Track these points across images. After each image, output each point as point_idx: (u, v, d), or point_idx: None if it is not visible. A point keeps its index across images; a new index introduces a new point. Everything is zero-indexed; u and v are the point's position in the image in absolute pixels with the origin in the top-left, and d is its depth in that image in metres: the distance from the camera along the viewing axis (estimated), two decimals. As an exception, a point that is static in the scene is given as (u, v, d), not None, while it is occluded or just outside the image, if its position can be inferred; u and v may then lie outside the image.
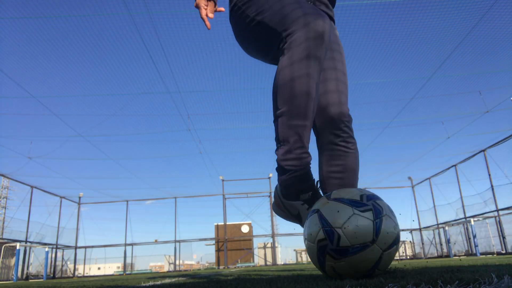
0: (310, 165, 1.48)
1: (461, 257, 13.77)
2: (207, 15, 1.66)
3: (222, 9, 1.76)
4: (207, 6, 1.69)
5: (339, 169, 1.68)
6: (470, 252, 15.11)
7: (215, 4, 1.73)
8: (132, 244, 18.15)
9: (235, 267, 16.22)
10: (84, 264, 18.76)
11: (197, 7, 1.69)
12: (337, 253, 1.15)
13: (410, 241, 21.84)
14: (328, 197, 1.29)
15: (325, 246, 1.16)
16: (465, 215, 15.17)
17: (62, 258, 17.81)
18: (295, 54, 1.40)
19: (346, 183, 1.66)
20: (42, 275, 14.61)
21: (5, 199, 21.79)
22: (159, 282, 2.39)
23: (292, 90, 1.42)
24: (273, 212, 1.60)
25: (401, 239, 23.61)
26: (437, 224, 17.46)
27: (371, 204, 1.19)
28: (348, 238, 1.14)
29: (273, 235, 18.18)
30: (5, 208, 20.63)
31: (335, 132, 1.70)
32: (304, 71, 1.40)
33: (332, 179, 1.68)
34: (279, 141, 1.48)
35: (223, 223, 18.43)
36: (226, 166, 16.47)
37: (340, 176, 1.67)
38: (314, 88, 1.42)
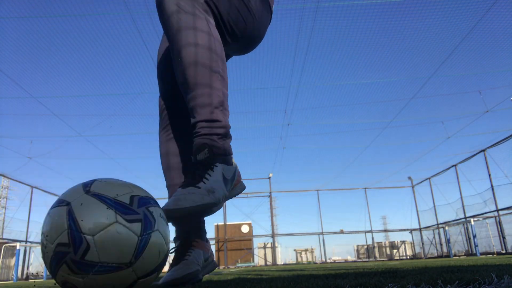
0: None
1: (461, 257, 13.78)
2: None
3: None
4: None
5: (179, 67, 1.29)
6: (470, 252, 15.11)
7: None
8: (132, 244, 18.16)
9: (235, 267, 16.22)
10: (84, 264, 18.76)
11: None
12: (79, 266, 0.86)
13: (410, 241, 21.85)
14: (87, 187, 1.00)
15: (65, 254, 0.86)
16: (465, 215, 15.17)
17: (62, 258, 17.82)
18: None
19: (180, 80, 1.28)
20: (42, 275, 14.60)
21: (5, 199, 21.78)
22: (159, 282, 2.38)
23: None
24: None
25: (401, 239, 23.63)
26: (437, 224, 17.46)
27: (142, 212, 0.92)
28: (99, 252, 0.85)
29: (273, 235, 18.18)
30: (5, 208, 20.62)
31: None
32: (161, 139, 1.75)
33: (177, 77, 1.33)
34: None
35: (223, 223, 18.43)
36: (226, 166, 16.44)
37: (181, 77, 1.28)
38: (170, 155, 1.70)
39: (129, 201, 0.93)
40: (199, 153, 1.27)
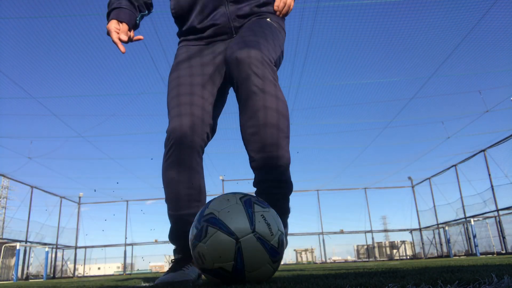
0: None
1: (461, 257, 13.78)
2: (119, 39, 1.65)
3: (141, 37, 1.77)
4: (119, 29, 1.67)
5: (257, 123, 1.42)
6: (470, 252, 15.11)
7: (130, 29, 1.71)
8: (132, 244, 18.16)
9: (235, 267, 16.14)
10: (84, 264, 18.76)
11: (108, 33, 1.67)
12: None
13: (410, 241, 21.85)
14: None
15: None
16: (465, 215, 15.17)
17: (62, 258, 17.81)
18: (163, 158, 1.67)
19: (268, 142, 1.41)
20: (42, 275, 14.61)
21: (5, 199, 21.79)
22: (156, 282, 2.38)
23: (166, 191, 1.65)
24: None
25: (401, 239, 23.64)
26: (437, 224, 17.46)
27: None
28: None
29: (273, 235, 18.15)
30: (5, 208, 20.63)
31: (246, 77, 1.42)
32: (170, 176, 1.62)
33: (253, 137, 1.45)
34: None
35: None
36: (226, 166, 16.47)
37: (261, 133, 1.42)
38: (183, 189, 1.60)
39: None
40: None
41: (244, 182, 18.09)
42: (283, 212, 1.48)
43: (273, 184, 1.46)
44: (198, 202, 1.63)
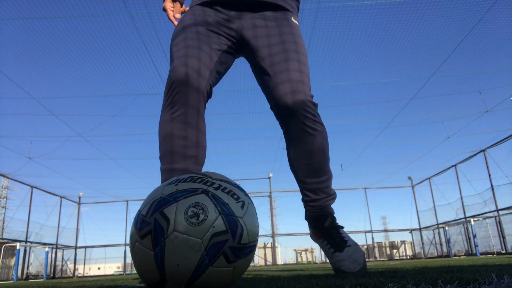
0: None
1: (461, 257, 13.77)
2: (174, 17, 1.75)
3: (188, 8, 1.79)
4: (173, 7, 1.76)
5: (307, 155, 1.64)
6: (470, 252, 15.11)
7: (182, 5, 1.79)
8: (132, 244, 18.14)
9: (235, 267, 16.16)
10: (84, 264, 18.76)
11: (164, 9, 1.77)
12: (235, 253, 0.85)
13: (410, 241, 21.85)
14: (208, 177, 0.95)
15: (223, 243, 0.83)
16: (465, 215, 15.17)
17: (62, 258, 17.81)
18: (163, 102, 1.55)
19: (317, 168, 1.65)
20: (42, 275, 14.61)
21: (5, 199, 21.78)
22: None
23: (160, 136, 1.63)
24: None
25: (401, 239, 23.63)
26: (437, 224, 17.46)
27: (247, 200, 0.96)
28: (248, 233, 0.87)
29: (273, 235, 18.19)
30: (5, 208, 20.63)
31: (298, 118, 1.57)
32: (168, 117, 1.54)
33: (303, 166, 1.66)
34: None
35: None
36: (226, 166, 16.48)
37: (310, 163, 1.65)
38: (180, 130, 1.49)
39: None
40: (326, 220, 1.69)
41: (244, 182, 18.09)
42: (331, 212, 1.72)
43: (323, 196, 1.68)
44: (196, 158, 1.55)
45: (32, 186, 15.08)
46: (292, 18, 1.71)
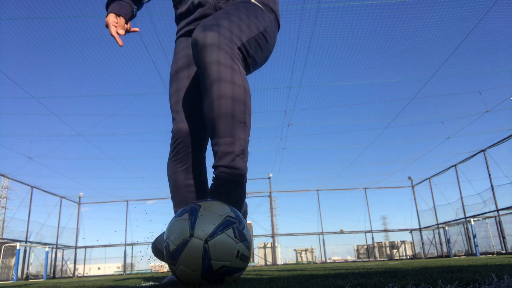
0: None
1: (461, 257, 13.77)
2: (117, 33, 1.69)
3: (136, 29, 1.81)
4: (116, 23, 1.71)
5: (210, 115, 1.40)
6: (470, 252, 15.11)
7: (127, 21, 1.74)
8: (132, 244, 18.16)
9: (235, 267, 16.14)
10: (84, 264, 18.76)
11: (107, 25, 1.71)
12: (240, 235, 1.25)
13: (410, 241, 21.84)
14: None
15: (232, 222, 1.25)
16: (465, 215, 15.17)
17: (62, 258, 17.81)
18: (169, 153, 1.82)
19: (211, 131, 1.42)
20: (42, 275, 14.61)
21: (5, 199, 21.78)
22: (159, 282, 2.38)
23: (170, 185, 1.75)
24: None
25: (401, 239, 23.63)
26: (437, 224, 17.46)
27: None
28: (246, 233, 1.32)
29: (273, 235, 18.19)
30: (5, 208, 20.62)
31: (199, 59, 1.40)
32: (173, 170, 1.77)
33: (208, 124, 1.43)
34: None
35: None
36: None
37: (214, 122, 1.40)
38: (185, 185, 1.74)
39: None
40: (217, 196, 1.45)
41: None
42: (236, 199, 1.45)
43: (225, 170, 1.40)
44: (193, 193, 1.73)
45: (32, 186, 15.07)
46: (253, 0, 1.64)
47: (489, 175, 13.47)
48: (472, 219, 13.68)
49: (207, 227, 1.18)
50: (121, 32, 1.69)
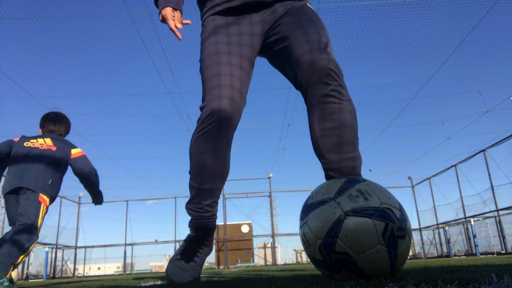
0: (208, 218, 1.68)
1: (461, 257, 13.77)
2: (176, 26, 1.68)
3: (188, 22, 1.76)
4: (174, 16, 1.70)
5: (334, 124, 1.49)
6: (470, 252, 15.10)
7: (182, 13, 1.73)
8: (132, 244, 18.15)
9: (235, 267, 16.21)
10: (84, 264, 18.76)
11: (164, 20, 1.71)
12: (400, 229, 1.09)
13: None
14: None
15: (391, 231, 1.06)
16: (465, 215, 15.16)
17: (62, 258, 17.81)
18: (198, 130, 1.55)
19: (344, 140, 1.49)
20: (42, 275, 14.61)
21: (5, 199, 21.75)
22: (159, 282, 2.38)
23: (195, 163, 1.60)
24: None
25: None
26: (437, 224, 17.45)
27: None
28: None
29: (273, 235, 18.18)
30: (5, 208, 20.60)
31: (323, 80, 1.49)
32: (203, 148, 1.55)
33: (328, 138, 1.51)
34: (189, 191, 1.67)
35: (223, 223, 18.43)
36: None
37: (337, 133, 1.49)
38: (214, 163, 1.58)
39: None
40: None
41: (244, 182, 18.09)
42: None
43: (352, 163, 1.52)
44: (222, 178, 1.64)
45: (32, 186, 15.05)
46: (308, 4, 1.72)
47: (489, 175, 13.46)
48: (472, 219, 13.67)
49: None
50: (180, 26, 1.69)
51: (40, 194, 2.70)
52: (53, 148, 3.15)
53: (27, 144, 3.10)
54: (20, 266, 13.68)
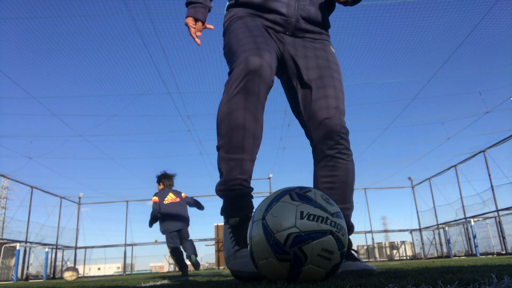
0: (248, 195, 1.55)
1: (461, 257, 13.76)
2: (196, 34, 1.78)
3: (211, 26, 1.85)
4: (195, 25, 1.78)
5: (331, 180, 1.67)
6: (470, 252, 15.10)
7: (203, 23, 1.82)
8: (132, 245, 18.14)
9: (235, 268, 16.12)
10: (84, 264, 18.75)
11: (187, 25, 1.80)
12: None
13: (410, 242, 21.83)
14: (327, 214, 1.13)
15: (338, 264, 1.13)
16: (465, 215, 15.16)
17: (62, 258, 17.80)
18: (231, 89, 1.46)
19: (336, 196, 1.63)
20: (42, 276, 14.60)
21: (5, 199, 21.78)
22: (159, 283, 2.38)
23: (229, 124, 1.48)
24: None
25: (401, 239, 23.60)
26: (437, 225, 17.45)
27: (292, 253, 1.04)
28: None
29: (273, 236, 18.16)
30: (5, 208, 20.62)
31: (331, 144, 1.67)
32: (240, 105, 1.46)
33: (324, 191, 1.65)
34: (219, 171, 1.59)
35: (223, 223, 18.42)
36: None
37: (331, 186, 1.67)
38: (250, 121, 1.48)
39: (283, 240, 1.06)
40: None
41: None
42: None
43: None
44: (257, 148, 1.58)
45: (32, 186, 15.07)
46: (330, 47, 1.83)
47: (489, 175, 13.46)
48: (472, 220, 13.67)
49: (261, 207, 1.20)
50: (199, 34, 1.80)
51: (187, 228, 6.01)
52: (177, 199, 6.04)
53: (166, 201, 5.94)
54: (20, 267, 13.67)
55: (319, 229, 1.05)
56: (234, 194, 1.53)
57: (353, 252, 1.68)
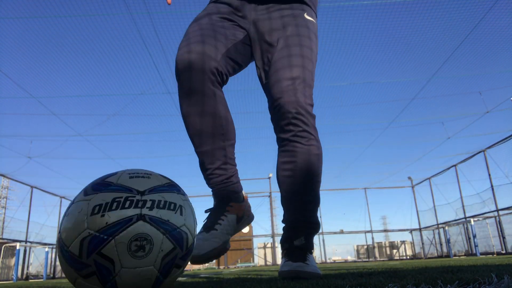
0: (223, 181, 1.54)
1: (461, 257, 13.77)
2: None
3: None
4: None
5: (289, 167, 1.50)
6: (470, 252, 15.11)
7: None
8: (132, 244, 18.15)
9: (235, 267, 16.22)
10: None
11: None
12: (185, 256, 0.92)
13: (410, 241, 21.85)
14: (135, 193, 0.89)
15: (174, 257, 0.87)
16: (465, 215, 15.17)
17: (62, 258, 17.81)
18: (178, 96, 1.52)
19: (296, 186, 1.50)
20: (42, 275, 14.61)
21: (5, 199, 21.79)
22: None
23: (186, 128, 1.53)
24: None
25: (401, 239, 23.63)
26: (437, 224, 17.46)
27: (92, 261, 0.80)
28: (192, 234, 0.95)
29: (273, 235, 18.18)
30: (5, 208, 20.62)
31: (283, 125, 1.48)
32: (185, 108, 1.49)
33: (283, 179, 1.54)
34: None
35: (223, 223, 18.41)
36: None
37: (290, 174, 1.50)
38: (196, 118, 1.47)
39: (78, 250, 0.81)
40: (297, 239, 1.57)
41: (244, 182, 18.07)
42: (310, 247, 1.55)
43: (302, 224, 1.53)
44: (222, 135, 1.52)
45: (32, 186, 15.07)
46: (306, 15, 1.60)
47: (489, 175, 13.47)
48: (472, 219, 13.68)
49: None
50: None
51: None
52: None
53: None
54: (20, 266, 13.68)
55: (120, 218, 0.80)
56: (211, 183, 1.56)
57: (300, 249, 1.50)
